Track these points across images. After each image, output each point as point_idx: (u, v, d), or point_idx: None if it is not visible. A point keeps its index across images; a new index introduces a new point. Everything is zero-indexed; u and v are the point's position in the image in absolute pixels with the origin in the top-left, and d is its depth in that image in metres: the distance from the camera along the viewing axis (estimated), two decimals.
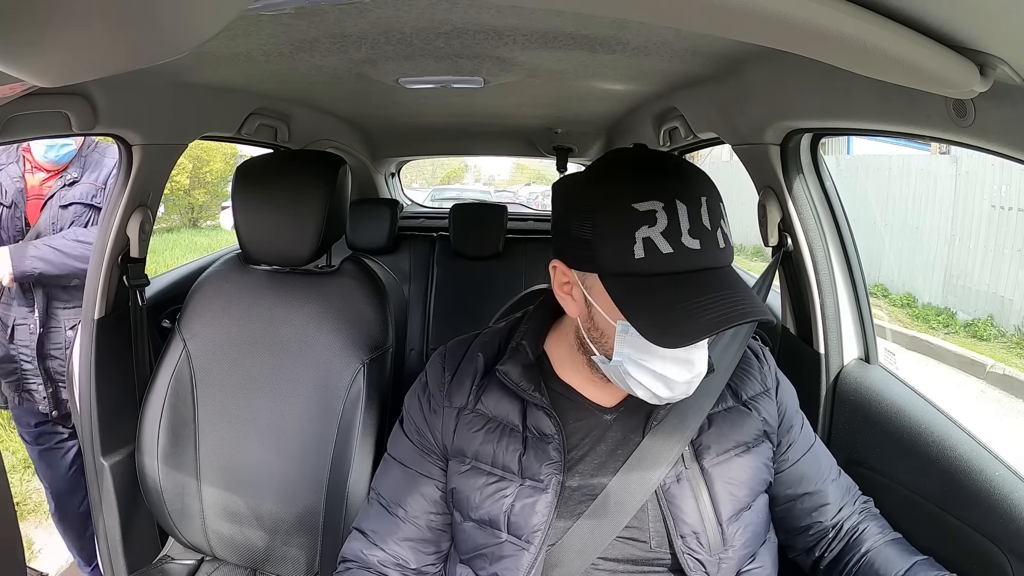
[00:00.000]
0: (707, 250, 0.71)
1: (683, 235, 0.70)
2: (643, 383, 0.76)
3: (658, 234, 0.70)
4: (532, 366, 0.86)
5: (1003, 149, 0.72)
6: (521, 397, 0.85)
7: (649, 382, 0.76)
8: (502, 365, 0.86)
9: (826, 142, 1.58)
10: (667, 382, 0.75)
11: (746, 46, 1.03)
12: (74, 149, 1.92)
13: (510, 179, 19.35)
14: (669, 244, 0.70)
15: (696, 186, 0.73)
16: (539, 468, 0.83)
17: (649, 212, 0.70)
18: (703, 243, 0.71)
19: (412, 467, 0.91)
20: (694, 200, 0.71)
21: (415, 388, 0.94)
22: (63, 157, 1.90)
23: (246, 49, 1.11)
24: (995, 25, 0.56)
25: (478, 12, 0.92)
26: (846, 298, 1.22)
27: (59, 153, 1.88)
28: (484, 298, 2.27)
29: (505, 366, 0.85)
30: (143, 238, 1.46)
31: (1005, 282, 5.34)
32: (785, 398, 0.94)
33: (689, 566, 0.81)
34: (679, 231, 0.70)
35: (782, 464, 0.92)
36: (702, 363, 0.76)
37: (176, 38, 0.47)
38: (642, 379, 0.76)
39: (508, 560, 0.83)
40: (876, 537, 0.91)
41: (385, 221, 2.44)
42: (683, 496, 0.83)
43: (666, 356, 0.74)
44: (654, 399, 0.78)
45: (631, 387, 0.77)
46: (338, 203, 1.36)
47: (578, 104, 1.82)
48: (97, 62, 0.51)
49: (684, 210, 0.70)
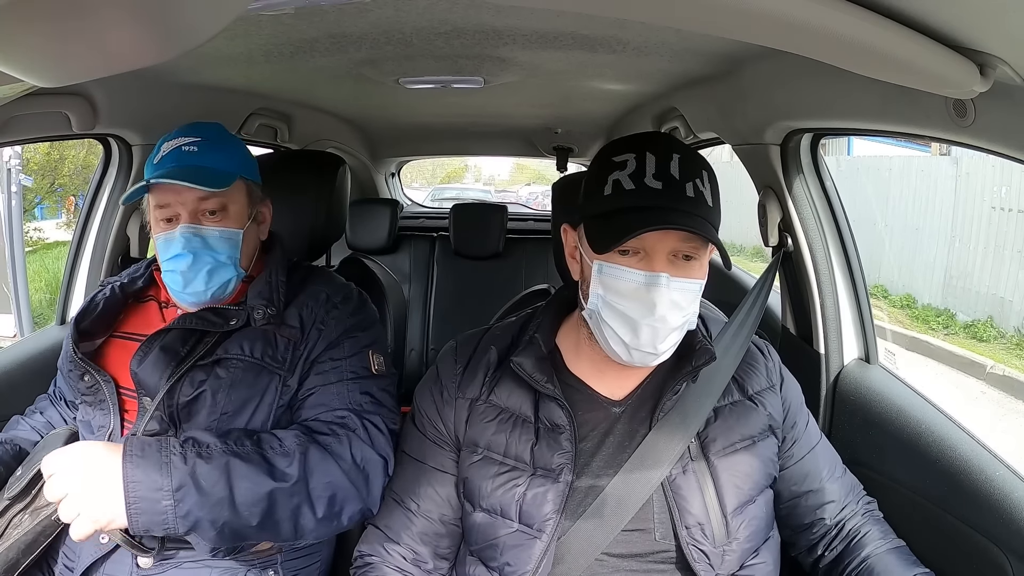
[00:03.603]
0: (669, 192, 0.76)
1: (646, 176, 0.77)
2: (613, 327, 0.80)
3: (625, 176, 0.78)
4: (545, 358, 0.87)
5: (1003, 149, 0.72)
6: (534, 389, 0.86)
7: (617, 325, 0.79)
8: (516, 356, 0.87)
9: (826, 143, 1.58)
10: (633, 325, 0.78)
11: (746, 46, 1.03)
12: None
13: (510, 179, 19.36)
14: (632, 182, 0.77)
15: (671, 145, 0.80)
16: (551, 458, 0.84)
17: (622, 161, 0.79)
18: (665, 185, 0.77)
19: (424, 461, 0.92)
20: (665, 154, 0.78)
21: (426, 382, 0.95)
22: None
23: (246, 49, 1.11)
24: (995, 25, 0.56)
25: (478, 12, 0.92)
26: (846, 298, 1.22)
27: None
28: (484, 298, 2.27)
29: (519, 357, 0.86)
30: (143, 238, 1.46)
31: (1005, 283, 5.34)
32: (789, 394, 0.95)
33: (694, 557, 0.82)
34: (643, 173, 0.77)
35: (787, 460, 0.92)
36: (665, 309, 0.77)
37: (176, 38, 0.47)
38: (612, 322, 0.80)
39: (519, 550, 0.83)
40: (878, 543, 0.91)
41: (385, 221, 2.44)
42: (689, 488, 0.84)
43: (630, 296, 0.78)
44: (625, 352, 0.80)
45: (606, 337, 0.81)
46: (338, 203, 1.36)
47: (578, 104, 1.82)
48: (97, 62, 0.51)
49: (652, 159, 0.78)
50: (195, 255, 0.96)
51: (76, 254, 1.44)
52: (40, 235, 8.82)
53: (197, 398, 0.95)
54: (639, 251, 0.78)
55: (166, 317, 1.05)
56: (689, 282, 0.79)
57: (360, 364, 1.00)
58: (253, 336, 0.98)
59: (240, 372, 0.96)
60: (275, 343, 0.98)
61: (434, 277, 2.46)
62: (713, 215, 0.79)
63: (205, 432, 0.89)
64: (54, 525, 0.95)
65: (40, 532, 0.94)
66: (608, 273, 0.79)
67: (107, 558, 0.95)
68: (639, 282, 0.78)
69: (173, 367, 0.95)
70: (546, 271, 2.36)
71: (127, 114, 1.27)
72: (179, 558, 0.95)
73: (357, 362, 1.00)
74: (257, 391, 0.96)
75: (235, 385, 0.95)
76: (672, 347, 0.82)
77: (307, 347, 0.99)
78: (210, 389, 0.95)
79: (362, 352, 1.01)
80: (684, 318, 0.80)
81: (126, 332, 1.05)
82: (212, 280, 0.98)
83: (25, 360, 1.30)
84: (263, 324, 0.98)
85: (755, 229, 1.32)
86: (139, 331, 1.03)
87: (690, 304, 0.80)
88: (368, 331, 1.04)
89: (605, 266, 0.79)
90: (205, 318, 0.97)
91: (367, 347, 1.02)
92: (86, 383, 0.99)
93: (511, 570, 0.84)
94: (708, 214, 0.79)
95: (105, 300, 1.03)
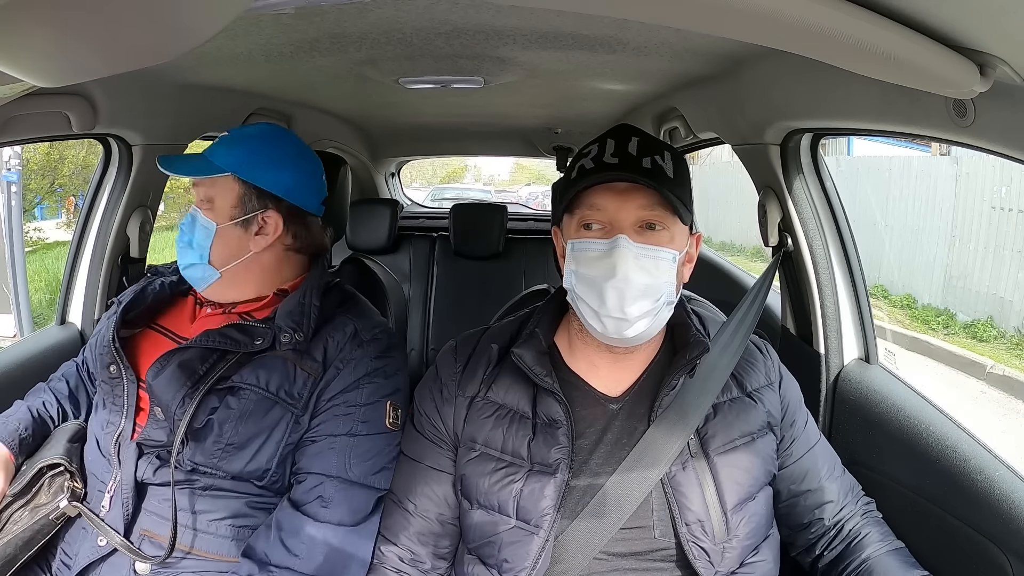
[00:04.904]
0: (625, 164, 0.81)
1: (605, 155, 0.83)
2: (584, 297, 0.82)
3: (588, 160, 0.84)
4: (545, 353, 0.88)
5: (1003, 149, 0.72)
6: (532, 384, 0.87)
7: (586, 293, 0.82)
8: (517, 348, 0.87)
9: (826, 143, 1.58)
10: (599, 290, 0.80)
11: (746, 46, 1.03)
12: None
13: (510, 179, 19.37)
14: (592, 162, 0.83)
15: (633, 131, 0.85)
16: (548, 453, 0.84)
17: (587, 150, 0.85)
18: (621, 160, 0.82)
19: (422, 461, 0.92)
20: (624, 137, 0.84)
21: (425, 381, 0.95)
22: None
23: (246, 49, 1.11)
24: (995, 25, 0.56)
25: (478, 12, 0.92)
26: (846, 298, 1.22)
27: None
28: (484, 298, 2.27)
29: (520, 349, 0.87)
30: (143, 238, 1.46)
31: (1005, 283, 5.34)
32: (788, 392, 0.95)
33: (693, 554, 0.82)
34: (603, 154, 0.83)
35: (786, 459, 0.92)
36: (627, 270, 0.79)
37: (176, 38, 0.47)
38: (582, 292, 0.82)
39: (517, 546, 0.83)
40: (877, 545, 0.91)
41: (385, 221, 2.44)
42: (689, 484, 0.84)
43: (594, 264, 0.81)
44: (598, 322, 0.82)
45: (582, 312, 0.84)
46: (338, 203, 1.36)
47: (578, 104, 1.82)
48: (97, 62, 0.51)
49: (612, 143, 0.84)
50: (182, 231, 1.02)
51: (76, 254, 1.44)
52: (40, 235, 8.82)
53: (205, 425, 0.93)
54: (604, 224, 0.81)
55: (197, 315, 1.05)
56: (653, 248, 0.80)
57: (375, 415, 0.96)
58: (272, 365, 0.95)
59: (252, 404, 0.94)
60: (293, 378, 0.95)
61: (434, 277, 2.46)
62: (675, 187, 0.82)
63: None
64: (52, 523, 0.95)
65: (38, 530, 0.94)
66: (577, 248, 0.83)
67: (104, 561, 0.94)
68: (601, 249, 0.81)
69: (188, 387, 0.93)
70: (546, 271, 2.36)
71: (127, 114, 1.27)
72: (178, 567, 0.94)
73: (372, 412, 0.96)
74: (266, 427, 0.93)
75: (244, 418, 0.93)
76: (645, 317, 0.81)
77: (325, 384, 0.96)
78: (218, 420, 0.93)
79: (380, 402, 0.97)
80: (653, 281, 0.80)
81: (160, 326, 1.05)
82: (184, 258, 1.02)
83: (25, 360, 1.30)
84: (288, 349, 0.96)
85: (755, 229, 1.32)
86: (172, 327, 1.05)
87: (661, 273, 0.81)
88: (391, 379, 0.99)
89: (575, 243, 0.83)
90: (229, 335, 0.95)
91: (387, 396, 0.98)
92: (110, 372, 0.99)
93: (509, 567, 0.84)
94: (668, 184, 0.81)
95: (155, 294, 1.05)
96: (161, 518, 0.94)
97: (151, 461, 0.95)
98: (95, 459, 0.99)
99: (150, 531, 0.94)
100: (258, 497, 0.96)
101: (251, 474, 0.94)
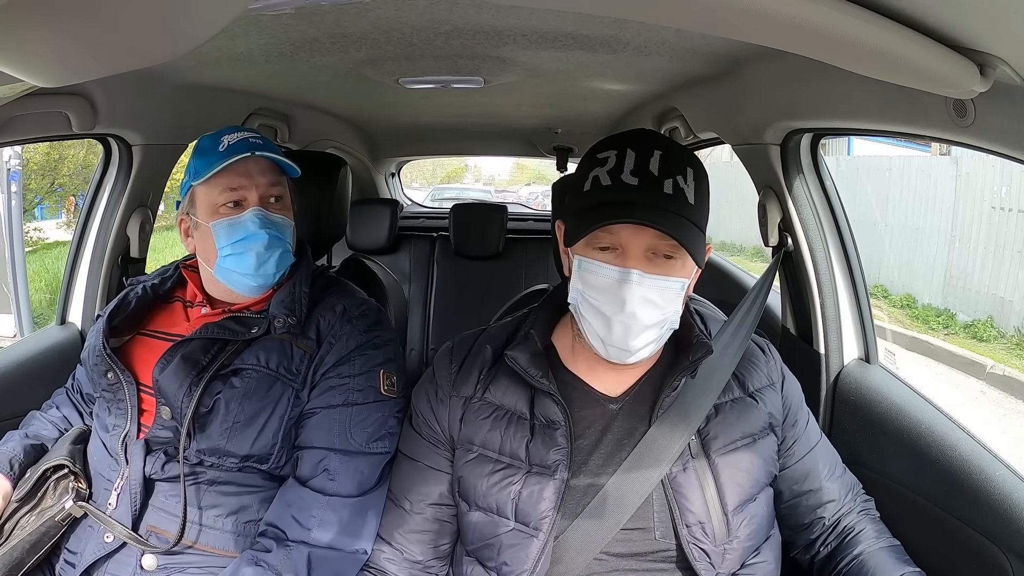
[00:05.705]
0: (645, 188, 0.76)
1: (624, 172, 0.77)
2: (590, 321, 0.81)
3: (604, 172, 0.78)
4: (540, 354, 0.87)
5: (1003, 149, 0.72)
6: (529, 385, 0.86)
7: (593, 319, 0.80)
8: (511, 350, 0.87)
9: (826, 143, 1.58)
10: (605, 321, 0.79)
11: (746, 46, 1.03)
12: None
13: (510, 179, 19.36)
14: (609, 178, 0.78)
15: (655, 141, 0.80)
16: (546, 454, 0.84)
17: (604, 157, 0.79)
18: (642, 182, 0.76)
19: (419, 460, 0.92)
20: (646, 150, 0.78)
21: (422, 383, 0.95)
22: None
23: (246, 49, 1.11)
24: (995, 25, 0.56)
25: (478, 12, 0.92)
26: (846, 298, 1.22)
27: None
28: (484, 298, 2.27)
29: (514, 351, 0.86)
30: (143, 238, 1.46)
31: (1005, 283, 5.34)
32: (790, 392, 0.95)
33: (694, 556, 0.82)
34: (621, 169, 0.78)
35: (788, 459, 0.92)
36: (635, 306, 0.77)
37: (176, 38, 0.47)
38: (588, 316, 0.81)
39: (516, 549, 0.83)
40: (871, 540, 0.91)
41: (385, 221, 2.44)
42: (689, 486, 0.84)
43: (603, 291, 0.79)
44: (602, 348, 0.81)
45: (585, 332, 0.82)
46: (339, 204, 1.36)
47: (578, 104, 1.82)
48: (97, 62, 0.51)
49: (632, 155, 0.78)
50: (271, 237, 0.99)
51: (76, 254, 1.44)
52: (40, 235, 8.82)
53: (212, 408, 0.95)
54: (616, 247, 0.78)
55: (189, 316, 1.06)
56: (665, 280, 0.78)
57: (368, 383, 0.99)
58: (270, 346, 0.99)
59: (254, 382, 0.97)
60: (291, 354, 0.99)
61: (434, 277, 2.46)
62: (694, 213, 0.78)
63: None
64: (58, 526, 0.96)
65: (44, 532, 0.95)
66: (585, 268, 0.80)
67: (110, 557, 0.95)
68: (612, 277, 0.78)
69: (193, 377, 0.96)
70: (546, 271, 2.36)
71: (127, 114, 1.27)
72: (184, 561, 0.95)
73: (365, 381, 0.99)
74: (269, 402, 0.96)
75: (248, 395, 0.96)
76: (648, 345, 0.81)
77: (320, 359, 1.00)
78: (224, 399, 0.96)
79: (372, 371, 1.00)
80: (661, 316, 0.79)
81: (152, 330, 1.06)
82: (281, 263, 1.01)
83: (25, 360, 1.30)
84: (283, 333, 0.99)
85: (755, 229, 1.32)
86: (164, 329, 1.05)
87: (669, 303, 0.80)
88: (381, 349, 1.03)
89: (584, 261, 0.80)
90: (227, 327, 0.98)
91: (378, 366, 1.01)
92: (108, 380, 1.00)
93: (508, 570, 0.83)
94: (688, 212, 0.78)
95: (137, 299, 1.05)
96: (168, 514, 0.95)
97: (159, 457, 0.96)
98: (101, 458, 1.00)
99: (157, 527, 0.95)
100: (262, 491, 0.97)
101: (257, 454, 0.95)
